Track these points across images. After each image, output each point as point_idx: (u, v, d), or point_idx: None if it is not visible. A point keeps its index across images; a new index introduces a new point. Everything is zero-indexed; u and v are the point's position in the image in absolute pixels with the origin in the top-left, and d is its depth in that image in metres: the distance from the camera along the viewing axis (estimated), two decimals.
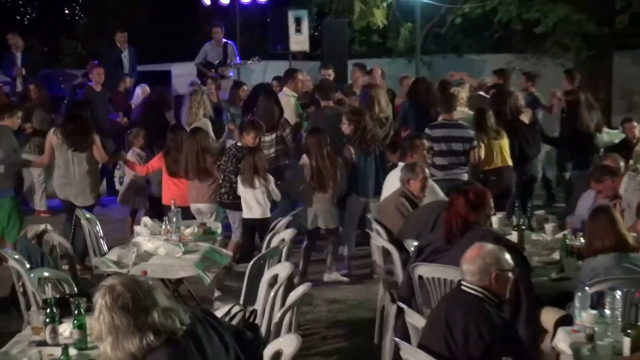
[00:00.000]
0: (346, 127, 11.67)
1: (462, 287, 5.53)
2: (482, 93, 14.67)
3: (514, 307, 6.42)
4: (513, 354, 5.15)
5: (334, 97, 13.49)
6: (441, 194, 9.96)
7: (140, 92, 16.32)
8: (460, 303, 5.44)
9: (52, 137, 11.38)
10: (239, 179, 10.76)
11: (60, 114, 15.52)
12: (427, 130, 12.01)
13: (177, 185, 11.34)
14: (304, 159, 11.20)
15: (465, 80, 15.65)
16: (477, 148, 11.85)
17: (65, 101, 17.51)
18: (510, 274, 5.60)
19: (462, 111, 13.03)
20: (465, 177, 11.69)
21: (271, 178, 10.77)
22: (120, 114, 16.40)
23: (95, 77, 16.15)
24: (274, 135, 12.19)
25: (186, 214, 10.68)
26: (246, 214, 10.79)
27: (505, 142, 12.09)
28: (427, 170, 9.65)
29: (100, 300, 4.41)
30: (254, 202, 10.67)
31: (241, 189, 10.72)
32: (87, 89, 16.51)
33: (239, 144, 11.33)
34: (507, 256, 5.62)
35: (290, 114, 13.25)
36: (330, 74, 15.52)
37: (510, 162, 12.13)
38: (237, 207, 10.94)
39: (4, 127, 11.47)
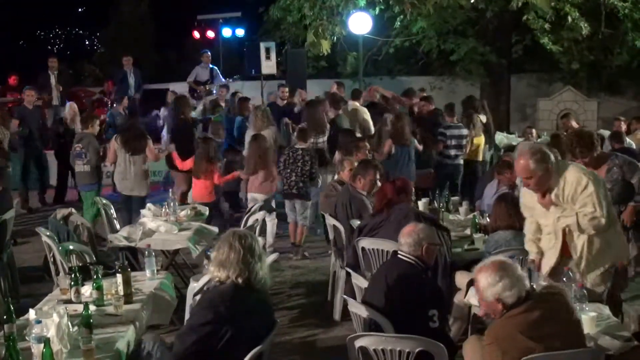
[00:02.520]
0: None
1: (399, 256, 5.53)
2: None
3: (433, 268, 6.45)
4: (437, 306, 5.18)
5: (342, 107, 13.57)
6: None
7: (69, 106, 15.11)
8: (398, 268, 5.45)
9: (114, 143, 11.16)
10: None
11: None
12: (442, 129, 12.92)
13: (197, 184, 11.12)
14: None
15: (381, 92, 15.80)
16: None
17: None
18: (436, 247, 5.64)
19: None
20: (462, 162, 12.76)
21: None
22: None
23: (26, 97, 15.04)
24: (327, 136, 12.19)
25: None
26: None
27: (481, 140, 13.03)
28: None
29: (227, 237, 4.68)
30: None
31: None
32: (20, 107, 15.31)
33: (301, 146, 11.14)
34: (435, 233, 5.65)
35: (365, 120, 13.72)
36: (286, 91, 15.50)
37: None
38: (303, 197, 10.90)
39: (89, 134, 11.37)
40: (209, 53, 18.86)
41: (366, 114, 13.83)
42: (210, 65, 18.58)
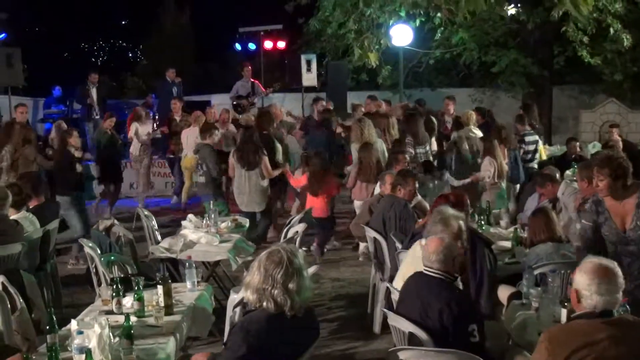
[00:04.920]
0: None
1: (425, 272, 5.40)
2: None
3: (477, 286, 6.38)
4: (476, 321, 5.09)
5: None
6: None
7: (54, 128, 14.83)
8: (429, 286, 5.26)
9: (231, 157, 11.29)
10: None
11: None
12: (519, 137, 13.11)
13: (313, 200, 11.20)
14: None
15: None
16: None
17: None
18: (462, 256, 5.54)
19: None
20: (536, 166, 12.89)
21: None
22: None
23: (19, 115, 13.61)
24: (427, 147, 12.32)
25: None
26: None
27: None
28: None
29: (260, 258, 4.58)
30: None
31: None
32: None
33: None
34: (458, 244, 5.56)
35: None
36: (322, 104, 15.51)
37: None
38: None
39: (208, 146, 11.34)
40: (250, 67, 18.94)
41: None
42: (251, 80, 18.70)
